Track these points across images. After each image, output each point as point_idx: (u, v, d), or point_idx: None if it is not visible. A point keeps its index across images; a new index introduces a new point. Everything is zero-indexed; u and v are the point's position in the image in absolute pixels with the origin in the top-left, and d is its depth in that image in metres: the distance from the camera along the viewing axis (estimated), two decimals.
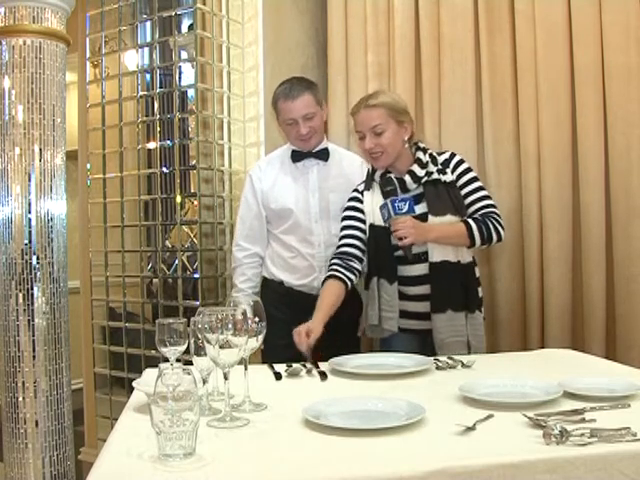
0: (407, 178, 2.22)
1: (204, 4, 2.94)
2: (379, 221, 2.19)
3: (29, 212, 2.42)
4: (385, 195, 2.17)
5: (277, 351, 2.16)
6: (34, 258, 2.42)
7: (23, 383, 2.40)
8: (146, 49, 3.09)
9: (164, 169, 2.98)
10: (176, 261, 2.99)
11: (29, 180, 2.42)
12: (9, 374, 2.42)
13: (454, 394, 1.50)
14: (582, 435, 1.17)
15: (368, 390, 1.60)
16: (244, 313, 1.39)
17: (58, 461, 2.45)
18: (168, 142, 2.94)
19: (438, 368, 1.84)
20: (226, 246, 3.02)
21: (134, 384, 1.55)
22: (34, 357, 2.41)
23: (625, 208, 2.55)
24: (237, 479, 1.09)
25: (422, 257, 2.18)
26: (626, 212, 2.55)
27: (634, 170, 2.54)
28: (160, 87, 3.03)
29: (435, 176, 2.22)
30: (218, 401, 1.48)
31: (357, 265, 2.25)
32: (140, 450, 1.18)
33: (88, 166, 3.27)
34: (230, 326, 1.35)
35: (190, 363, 1.41)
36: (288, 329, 2.35)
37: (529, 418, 1.28)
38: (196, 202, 3.06)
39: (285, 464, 1.13)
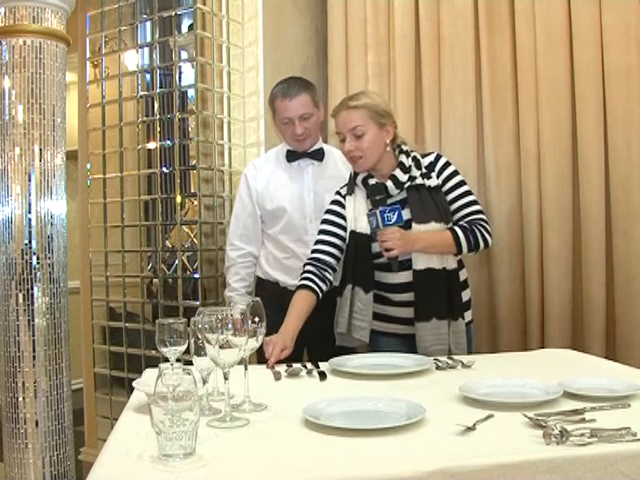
0: (389, 183, 2.15)
1: (204, 4, 2.94)
2: (361, 228, 2.14)
3: (29, 212, 2.42)
4: (373, 204, 2.12)
5: None
6: (34, 258, 2.42)
7: (23, 383, 2.40)
8: (146, 49, 3.09)
9: (164, 169, 2.98)
10: (176, 261, 2.98)
11: (29, 180, 2.42)
12: (9, 374, 2.42)
13: (454, 394, 1.50)
14: (582, 435, 1.17)
15: (368, 390, 1.60)
16: (244, 313, 1.39)
17: (58, 461, 2.45)
18: (168, 142, 2.94)
19: (438, 368, 1.84)
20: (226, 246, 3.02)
21: (134, 384, 1.55)
22: (34, 357, 2.41)
23: (625, 208, 2.55)
24: (237, 479, 1.09)
25: (406, 264, 2.12)
26: (626, 212, 2.55)
27: (634, 170, 2.53)
28: (160, 87, 3.03)
29: (419, 181, 2.15)
30: (218, 401, 1.48)
31: (330, 276, 2.20)
32: (140, 450, 1.18)
33: (88, 166, 3.27)
34: (230, 326, 1.35)
35: (190, 363, 1.41)
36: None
37: (529, 418, 1.28)
38: (196, 202, 3.06)
39: (285, 464, 1.13)
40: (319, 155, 2.53)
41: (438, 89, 2.87)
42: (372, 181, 2.17)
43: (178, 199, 2.91)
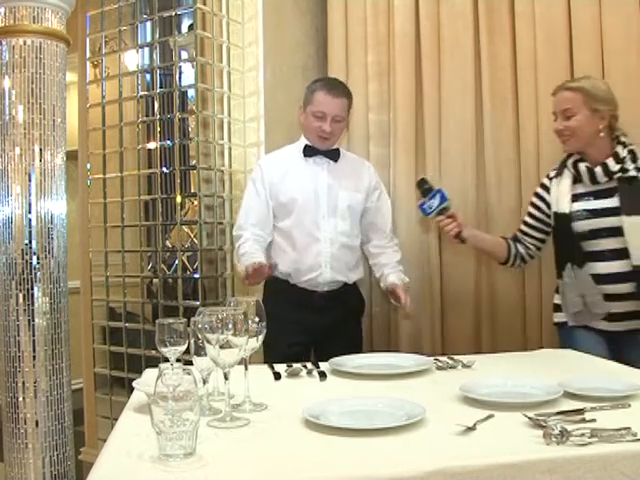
0: (598, 170, 2.17)
1: (204, 4, 2.94)
2: (562, 209, 2.22)
3: (29, 212, 2.42)
4: (421, 194, 2.29)
5: (279, 349, 2.17)
6: (34, 258, 2.42)
7: (23, 383, 2.40)
8: (146, 49, 3.09)
9: (164, 169, 2.98)
10: (176, 261, 2.98)
11: (29, 180, 2.42)
12: (9, 374, 2.41)
13: (454, 394, 1.51)
14: (582, 435, 1.17)
15: (368, 390, 1.60)
16: (244, 313, 1.39)
17: (58, 461, 2.45)
18: (168, 142, 2.94)
19: (438, 368, 1.84)
20: (226, 246, 3.02)
21: (134, 384, 1.55)
22: (34, 357, 2.41)
23: None
24: (237, 479, 1.09)
25: (621, 253, 2.11)
26: None
27: None
28: (160, 87, 3.03)
29: (632, 173, 2.15)
30: (218, 401, 1.49)
31: (522, 248, 2.39)
32: (140, 450, 1.18)
33: (88, 166, 3.26)
34: (230, 326, 1.35)
35: (190, 363, 1.41)
36: (290, 327, 2.36)
37: (529, 418, 1.28)
38: (196, 202, 3.06)
39: (285, 464, 1.13)
40: (335, 155, 2.55)
41: (438, 89, 2.87)
42: (582, 165, 2.21)
43: (178, 199, 2.91)
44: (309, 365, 1.88)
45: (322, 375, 1.78)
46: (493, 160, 2.78)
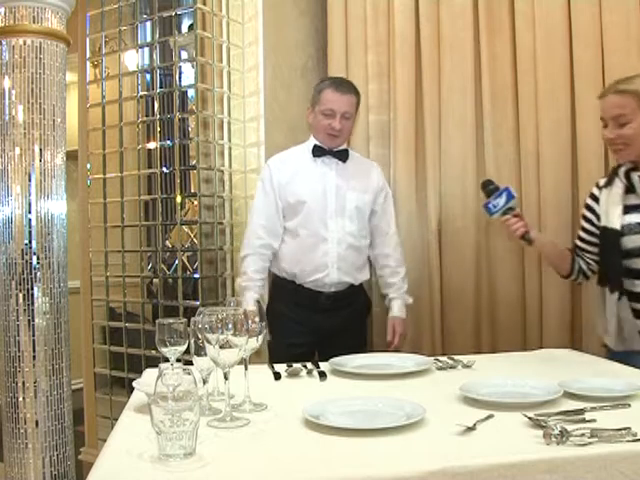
0: (637, 178, 1.98)
1: (204, 4, 2.94)
2: (611, 223, 2.01)
3: (29, 212, 2.42)
4: (486, 194, 2.16)
5: (283, 350, 2.17)
6: (34, 258, 2.42)
7: (23, 383, 2.40)
8: (146, 49, 3.09)
9: (164, 169, 2.98)
10: (176, 261, 2.99)
11: (29, 180, 2.42)
12: (9, 374, 2.41)
13: (454, 394, 1.51)
14: (582, 435, 1.17)
15: (368, 390, 1.60)
16: (245, 313, 1.39)
17: (58, 461, 2.45)
18: (168, 142, 2.94)
19: (438, 368, 1.84)
20: (226, 246, 3.02)
21: (134, 384, 1.55)
22: (34, 357, 2.41)
23: None
24: (237, 479, 1.09)
25: None
26: None
27: None
28: (160, 87, 3.03)
29: None
30: (218, 401, 1.49)
31: (582, 263, 2.16)
32: (140, 450, 1.18)
33: (88, 166, 3.27)
34: (230, 326, 1.35)
35: (190, 363, 1.41)
36: (296, 328, 2.36)
37: (529, 418, 1.28)
38: (196, 202, 3.06)
39: (285, 464, 1.13)
40: (343, 156, 2.55)
41: (438, 89, 2.87)
42: (635, 175, 1.99)
43: (178, 199, 2.91)
44: (309, 365, 1.88)
45: (322, 375, 1.78)
46: (493, 160, 2.78)
